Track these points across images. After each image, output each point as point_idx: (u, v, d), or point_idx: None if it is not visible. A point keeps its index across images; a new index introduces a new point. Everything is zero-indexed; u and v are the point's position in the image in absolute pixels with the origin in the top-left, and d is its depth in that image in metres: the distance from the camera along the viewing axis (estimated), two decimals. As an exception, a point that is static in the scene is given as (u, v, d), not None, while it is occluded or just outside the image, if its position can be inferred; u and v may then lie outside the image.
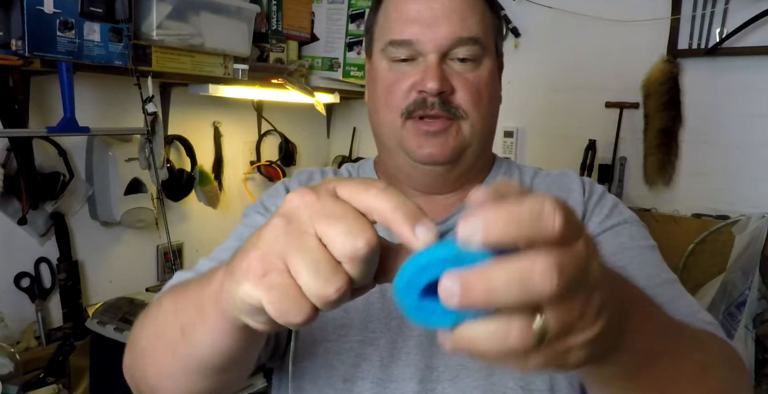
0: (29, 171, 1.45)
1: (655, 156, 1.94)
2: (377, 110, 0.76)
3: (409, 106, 0.71)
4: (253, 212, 0.79)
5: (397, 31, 0.72)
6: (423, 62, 0.71)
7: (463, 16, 0.71)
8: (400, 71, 0.73)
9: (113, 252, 1.76)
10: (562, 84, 2.13)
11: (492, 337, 0.30)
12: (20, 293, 1.52)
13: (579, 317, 0.32)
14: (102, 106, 1.67)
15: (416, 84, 0.71)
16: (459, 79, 0.72)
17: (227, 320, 0.42)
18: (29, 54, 1.29)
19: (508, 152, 2.26)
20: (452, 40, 0.70)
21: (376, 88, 0.75)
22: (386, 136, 0.76)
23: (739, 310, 1.65)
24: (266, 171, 2.25)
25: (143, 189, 1.71)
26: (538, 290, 0.29)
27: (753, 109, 1.80)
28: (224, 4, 1.70)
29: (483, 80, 0.73)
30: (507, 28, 2.20)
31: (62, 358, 1.47)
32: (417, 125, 0.72)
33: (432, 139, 0.71)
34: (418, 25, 0.71)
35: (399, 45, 0.72)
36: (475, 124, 0.73)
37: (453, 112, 0.71)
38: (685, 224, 1.90)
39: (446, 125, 0.71)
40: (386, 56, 0.74)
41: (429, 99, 0.70)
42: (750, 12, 1.73)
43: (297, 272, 0.34)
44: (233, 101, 2.05)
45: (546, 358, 0.32)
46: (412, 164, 0.75)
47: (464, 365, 0.69)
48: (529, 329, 0.30)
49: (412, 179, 0.78)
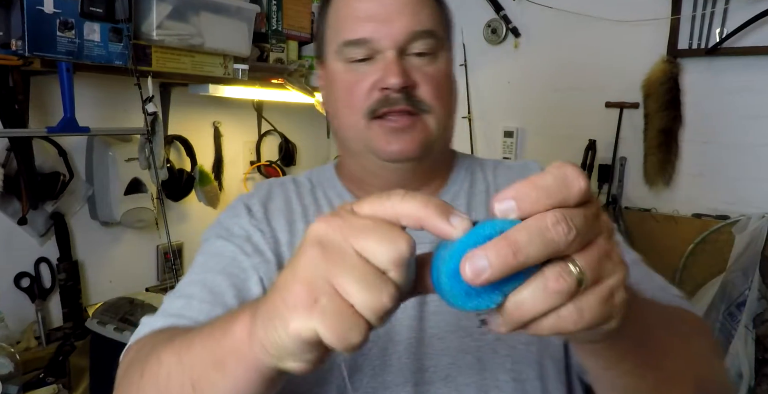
0: (29, 171, 1.45)
1: (655, 156, 1.94)
2: (338, 114, 0.74)
3: (372, 105, 0.70)
4: (213, 237, 0.74)
5: (350, 31, 0.70)
6: (381, 59, 0.69)
7: (415, 10, 0.70)
8: (359, 71, 0.71)
9: (113, 252, 1.76)
10: (562, 84, 2.13)
11: (536, 294, 0.33)
12: (20, 293, 1.52)
13: (606, 257, 0.35)
14: (102, 106, 1.67)
15: (377, 82, 0.69)
16: (419, 74, 0.70)
17: (257, 370, 0.41)
18: (29, 54, 1.29)
19: (508, 152, 2.26)
20: (408, 35, 0.69)
21: (335, 92, 0.73)
22: (351, 140, 0.74)
23: (739, 310, 1.65)
24: (266, 171, 2.25)
25: (143, 189, 1.71)
26: (556, 239, 0.32)
27: (753, 110, 1.80)
28: (224, 4, 1.70)
29: (442, 73, 0.73)
30: (507, 28, 2.20)
31: (62, 358, 1.47)
32: (383, 124, 0.70)
33: (400, 136, 0.70)
34: (372, 23, 0.69)
35: (354, 44, 0.70)
36: (440, 118, 0.72)
37: (418, 106, 0.70)
38: (685, 224, 1.90)
39: (412, 121, 0.70)
40: (342, 58, 0.72)
41: (392, 95, 0.69)
42: (750, 12, 1.73)
43: (347, 291, 0.34)
44: (233, 101, 2.05)
45: (595, 305, 0.34)
46: (380, 164, 0.73)
47: (455, 363, 0.69)
48: (566, 274, 0.33)
49: (380, 179, 0.76)
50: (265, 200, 0.77)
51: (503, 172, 0.83)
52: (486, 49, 2.27)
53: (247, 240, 0.72)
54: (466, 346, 0.69)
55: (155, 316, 0.66)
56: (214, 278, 0.68)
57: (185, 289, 0.68)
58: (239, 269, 0.69)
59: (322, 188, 0.81)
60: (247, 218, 0.74)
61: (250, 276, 0.69)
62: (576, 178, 0.34)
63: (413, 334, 0.69)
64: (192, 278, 0.70)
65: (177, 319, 0.63)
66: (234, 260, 0.70)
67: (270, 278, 0.69)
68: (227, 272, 0.68)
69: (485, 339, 0.70)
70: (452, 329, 0.69)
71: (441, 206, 0.35)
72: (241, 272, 0.69)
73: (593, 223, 0.34)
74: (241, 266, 0.69)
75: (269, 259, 0.71)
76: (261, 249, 0.71)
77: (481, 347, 0.69)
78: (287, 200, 0.78)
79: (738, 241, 1.71)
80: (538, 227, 0.32)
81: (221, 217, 0.77)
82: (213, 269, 0.69)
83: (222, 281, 0.67)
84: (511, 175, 0.82)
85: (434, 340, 0.69)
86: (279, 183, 0.82)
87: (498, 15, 2.21)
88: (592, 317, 0.34)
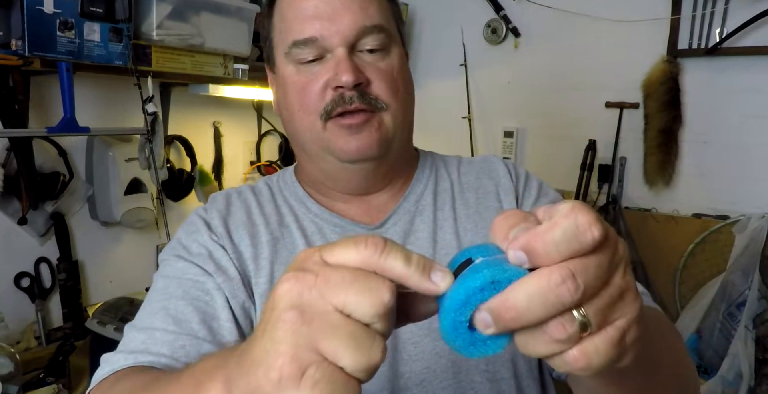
0: (29, 171, 1.45)
1: (655, 156, 1.94)
2: (293, 117, 0.71)
3: (327, 106, 0.67)
4: (172, 257, 0.70)
5: (297, 31, 0.68)
6: (332, 58, 0.67)
7: (362, 6, 0.68)
8: (310, 72, 0.69)
9: (113, 252, 1.76)
10: (562, 84, 2.13)
11: (538, 341, 0.32)
12: (20, 293, 1.52)
13: (619, 297, 0.33)
14: (102, 106, 1.67)
15: (330, 81, 0.67)
16: (372, 70, 0.68)
17: None
18: (29, 54, 1.29)
19: (508, 152, 2.26)
20: (357, 30, 0.67)
21: (288, 95, 0.71)
22: (308, 143, 0.71)
23: (739, 310, 1.65)
24: (266, 171, 2.25)
25: (143, 189, 1.71)
26: (560, 300, 0.30)
27: (753, 109, 1.80)
28: (224, 4, 1.70)
29: (395, 68, 0.71)
30: (507, 28, 2.20)
31: (62, 358, 1.47)
32: (338, 122, 0.68)
33: (356, 134, 0.68)
34: (319, 21, 0.67)
35: (303, 44, 0.68)
36: (396, 115, 0.70)
37: (373, 103, 0.68)
38: (685, 224, 1.90)
39: (367, 117, 0.68)
40: (292, 60, 0.69)
41: (346, 94, 0.67)
42: (750, 12, 1.73)
43: (336, 355, 0.31)
44: (233, 101, 2.05)
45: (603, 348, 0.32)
46: (340, 166, 0.71)
47: (430, 367, 0.68)
48: (568, 323, 0.31)
49: (340, 182, 0.74)
50: (225, 214, 0.74)
51: (467, 168, 0.82)
52: (486, 49, 2.27)
53: (208, 258, 0.68)
54: (440, 349, 0.68)
55: (117, 353, 0.61)
56: (176, 304, 0.64)
57: (146, 320, 0.64)
58: (202, 292, 0.66)
59: (282, 195, 0.78)
60: (207, 234, 0.71)
61: (215, 298, 0.65)
62: (589, 227, 0.31)
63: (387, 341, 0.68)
64: (153, 307, 0.66)
65: (140, 355, 0.60)
66: (196, 282, 0.66)
67: (236, 297, 0.66)
68: (190, 296, 0.65)
69: None
70: (425, 333, 0.68)
71: (421, 262, 0.33)
72: (205, 295, 0.65)
73: (607, 269, 0.32)
74: (204, 288, 0.66)
75: (233, 276, 0.68)
76: (223, 266, 0.68)
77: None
78: (248, 211, 0.75)
79: (738, 241, 1.71)
80: (540, 289, 0.30)
81: (179, 234, 0.73)
82: (174, 295, 0.65)
83: (185, 307, 0.64)
84: (477, 170, 0.81)
85: (408, 345, 0.68)
86: (237, 193, 0.78)
87: (498, 15, 2.21)
88: (601, 360, 0.32)
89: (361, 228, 0.73)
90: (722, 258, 1.76)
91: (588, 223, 0.31)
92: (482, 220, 0.75)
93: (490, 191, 0.78)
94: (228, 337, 0.64)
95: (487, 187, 0.78)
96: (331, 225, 0.73)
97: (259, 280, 0.69)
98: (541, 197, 0.78)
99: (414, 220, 0.75)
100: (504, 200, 0.77)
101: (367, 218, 0.74)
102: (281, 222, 0.74)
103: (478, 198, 0.77)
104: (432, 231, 0.74)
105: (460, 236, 0.74)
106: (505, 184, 0.78)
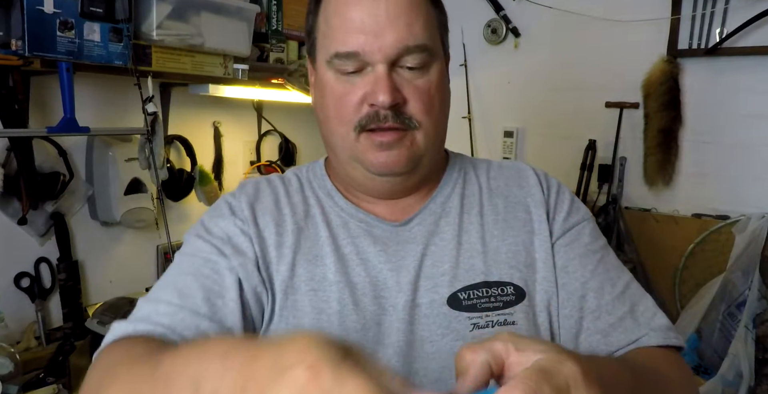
0: (29, 171, 1.45)
1: (655, 156, 1.94)
2: (328, 121, 0.73)
3: (362, 119, 0.69)
4: (193, 236, 0.74)
5: (341, 42, 0.69)
6: (372, 72, 0.68)
7: (408, 22, 0.68)
8: (349, 83, 0.70)
9: (113, 252, 1.76)
10: (562, 84, 2.13)
11: None
12: (20, 293, 1.52)
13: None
14: (102, 106, 1.67)
15: (367, 97, 0.68)
16: (410, 88, 0.69)
17: None
18: (29, 54, 1.29)
19: (508, 152, 2.26)
20: (399, 49, 0.68)
21: (325, 99, 0.73)
22: (339, 148, 0.73)
23: (739, 310, 1.66)
24: (266, 171, 2.25)
25: (143, 189, 1.71)
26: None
27: (753, 109, 1.80)
28: (224, 4, 1.70)
29: (433, 86, 0.71)
30: (507, 28, 2.20)
31: (62, 358, 1.47)
32: (371, 138, 0.70)
33: (387, 151, 0.70)
34: (363, 35, 0.67)
35: (345, 57, 0.69)
36: (428, 133, 0.71)
37: (407, 123, 0.69)
38: (685, 224, 1.90)
39: (400, 136, 0.70)
40: (332, 68, 0.71)
41: (381, 112, 0.68)
42: (750, 12, 1.73)
43: None
44: (233, 101, 2.05)
45: None
46: (368, 176, 0.73)
47: (446, 366, 0.68)
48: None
49: (367, 189, 0.76)
50: (253, 200, 0.76)
51: (497, 173, 0.82)
52: (486, 49, 2.27)
53: (226, 241, 0.71)
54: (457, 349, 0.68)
55: (123, 321, 0.66)
56: (185, 279, 0.68)
57: (155, 292, 0.69)
58: (213, 271, 0.68)
59: (311, 186, 0.80)
60: (230, 218, 0.73)
61: (225, 278, 0.68)
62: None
63: (403, 337, 0.68)
64: (165, 281, 0.70)
65: (140, 324, 0.64)
66: (208, 261, 0.69)
67: (249, 280, 0.69)
68: (200, 274, 0.68)
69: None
70: (444, 332, 0.68)
71: None
72: (214, 273, 0.68)
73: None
74: (216, 268, 0.69)
75: (250, 259, 0.70)
76: (242, 250, 0.70)
77: None
78: (276, 199, 0.77)
79: (738, 241, 1.71)
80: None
81: (203, 217, 0.77)
82: (185, 271, 0.69)
83: (192, 283, 0.67)
84: (507, 178, 0.81)
85: (426, 344, 0.68)
86: (267, 181, 0.81)
87: (498, 15, 2.21)
88: None
89: (387, 225, 0.75)
90: (722, 258, 1.76)
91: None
92: (510, 228, 0.75)
93: (520, 201, 0.77)
94: (230, 316, 0.66)
95: (517, 196, 0.78)
96: (356, 220, 0.75)
97: (280, 268, 0.71)
98: (572, 213, 0.78)
99: (439, 221, 0.75)
100: (534, 212, 0.76)
101: (392, 216, 0.76)
102: (307, 213, 0.76)
103: (506, 206, 0.77)
104: (457, 234, 0.74)
105: (486, 241, 0.74)
106: (536, 195, 0.78)
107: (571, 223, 0.77)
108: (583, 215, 0.79)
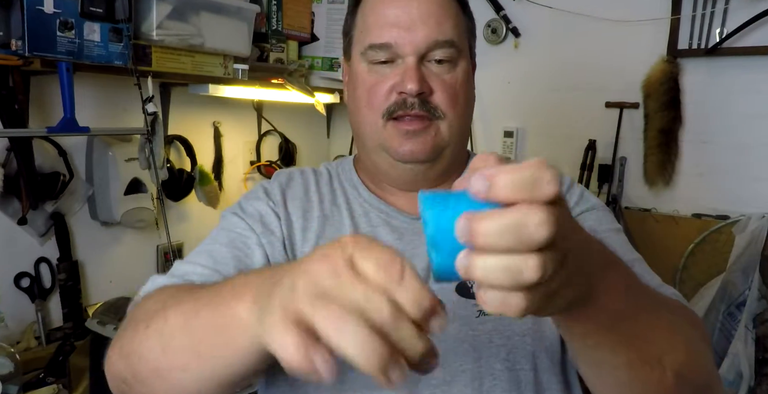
0: (29, 171, 1.45)
1: (655, 156, 1.94)
2: (359, 111, 0.78)
3: (390, 107, 0.74)
4: (229, 213, 0.81)
5: (376, 35, 0.75)
6: (402, 64, 0.74)
7: (439, 21, 0.74)
8: (380, 73, 0.76)
9: (113, 252, 1.76)
10: (562, 84, 2.13)
11: (506, 270, 0.34)
12: (20, 293, 1.52)
13: (560, 264, 0.36)
14: (102, 106, 1.67)
15: (396, 85, 0.74)
16: (437, 81, 0.75)
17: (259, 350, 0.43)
18: (29, 54, 1.29)
19: (508, 152, 2.26)
20: (429, 43, 0.74)
21: (357, 90, 0.78)
22: (367, 136, 0.78)
23: (739, 310, 1.66)
24: (266, 171, 2.25)
25: (143, 189, 1.71)
26: (533, 238, 0.33)
27: (753, 109, 1.80)
28: (224, 4, 1.70)
29: (459, 81, 0.77)
30: (507, 28, 2.20)
31: (62, 358, 1.47)
32: (398, 125, 0.75)
33: (412, 138, 0.75)
34: (396, 29, 0.74)
35: (378, 48, 0.75)
36: (452, 124, 0.76)
37: (432, 112, 0.74)
38: (685, 224, 1.90)
39: (425, 125, 0.75)
40: (366, 59, 0.77)
41: (409, 100, 0.73)
42: (750, 12, 1.73)
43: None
44: (233, 101, 2.05)
45: (540, 298, 0.36)
46: (392, 163, 0.78)
47: (451, 350, 0.70)
48: (539, 267, 0.34)
49: (391, 178, 0.81)
50: (285, 186, 0.83)
51: None
52: (486, 49, 2.27)
53: (259, 220, 0.77)
54: (463, 334, 0.72)
55: (163, 276, 0.72)
56: (220, 249, 0.74)
57: (193, 257, 0.75)
58: (244, 245, 0.75)
59: (339, 179, 0.86)
60: (265, 199, 0.80)
61: (255, 252, 0.74)
62: (548, 181, 0.34)
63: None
64: (201, 248, 0.76)
65: (179, 280, 0.69)
66: (241, 235, 0.76)
67: (274, 256, 0.74)
68: (233, 246, 0.74)
69: (482, 329, 0.72)
70: (450, 317, 0.69)
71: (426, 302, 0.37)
72: (246, 248, 0.74)
73: (569, 226, 0.37)
74: (247, 243, 0.75)
75: (278, 237, 0.76)
76: (271, 229, 0.76)
77: (477, 337, 0.72)
78: (306, 188, 0.83)
79: (738, 241, 1.71)
80: (517, 223, 0.33)
81: (241, 198, 0.83)
82: (220, 242, 0.75)
83: (227, 253, 0.73)
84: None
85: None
86: (299, 172, 0.87)
87: (498, 15, 2.21)
88: (531, 307, 0.36)
89: (405, 217, 0.80)
90: (722, 258, 1.76)
91: (549, 178, 0.34)
92: None
93: None
94: None
95: None
96: (377, 210, 0.81)
97: (304, 250, 0.77)
98: (581, 202, 0.82)
99: None
100: None
101: (411, 209, 0.80)
102: (334, 202, 0.82)
103: None
104: None
105: None
106: None
107: (578, 211, 0.81)
108: (593, 205, 0.82)
